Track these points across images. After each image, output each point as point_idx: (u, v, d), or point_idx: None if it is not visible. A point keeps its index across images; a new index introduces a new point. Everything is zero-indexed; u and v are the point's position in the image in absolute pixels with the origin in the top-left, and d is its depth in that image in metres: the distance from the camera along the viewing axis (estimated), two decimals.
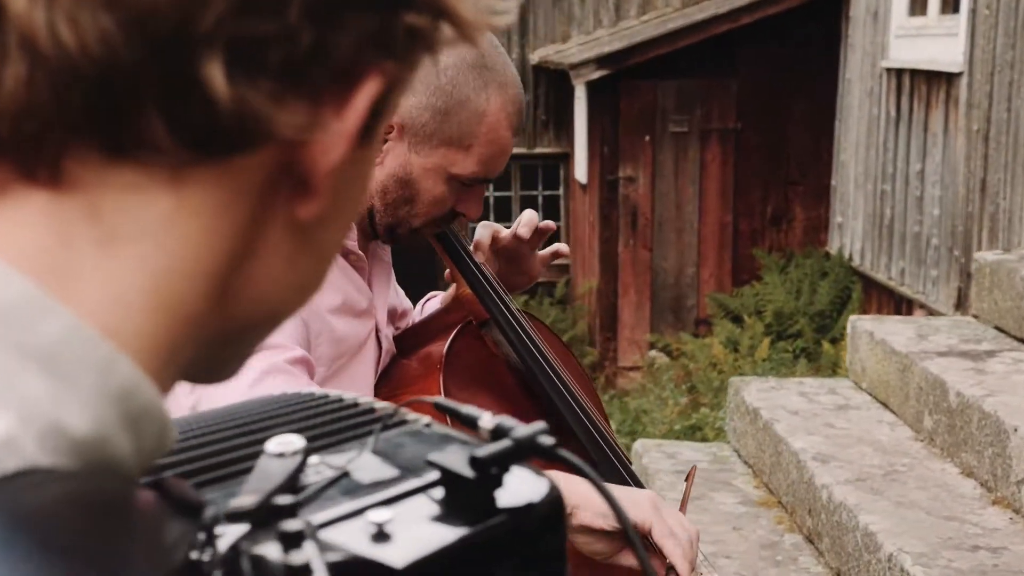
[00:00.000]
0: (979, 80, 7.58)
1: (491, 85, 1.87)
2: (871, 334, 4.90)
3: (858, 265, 9.69)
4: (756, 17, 10.19)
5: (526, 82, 12.46)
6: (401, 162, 1.88)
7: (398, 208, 1.91)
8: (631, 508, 1.70)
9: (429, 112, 1.85)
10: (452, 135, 1.86)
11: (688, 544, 1.73)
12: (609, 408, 6.46)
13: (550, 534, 0.85)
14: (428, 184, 1.89)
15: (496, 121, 1.88)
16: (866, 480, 3.98)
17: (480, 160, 1.89)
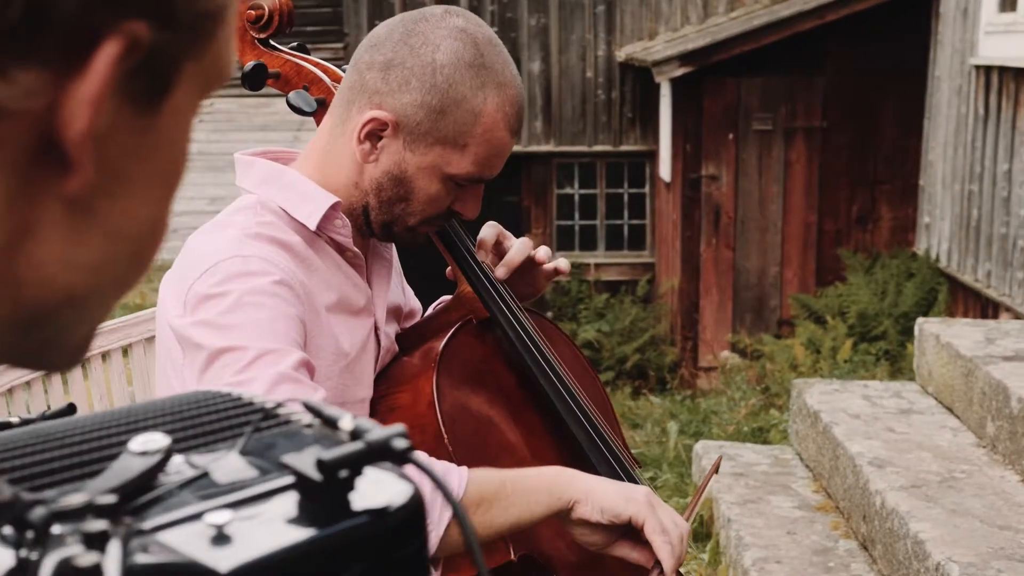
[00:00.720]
0: None
1: (489, 85, 1.84)
2: (937, 337, 4.79)
3: (945, 266, 9.51)
4: (843, 14, 10.03)
5: (612, 79, 12.42)
6: (396, 160, 1.86)
7: (393, 206, 1.90)
8: (626, 503, 1.75)
9: (424, 110, 1.83)
10: (447, 134, 1.83)
11: (678, 540, 1.77)
12: (679, 409, 6.40)
13: (407, 540, 0.83)
14: (423, 183, 1.87)
15: (493, 121, 1.85)
16: (921, 487, 3.89)
17: (476, 160, 1.87)
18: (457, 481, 1.68)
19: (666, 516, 1.78)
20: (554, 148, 12.63)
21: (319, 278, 1.87)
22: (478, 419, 1.98)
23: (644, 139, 12.35)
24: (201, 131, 11.79)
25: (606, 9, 12.52)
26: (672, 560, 1.76)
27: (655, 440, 5.79)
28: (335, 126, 1.90)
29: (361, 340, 1.93)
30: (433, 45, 1.82)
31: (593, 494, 1.75)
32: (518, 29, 12.63)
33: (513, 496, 1.73)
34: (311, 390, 1.67)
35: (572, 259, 12.15)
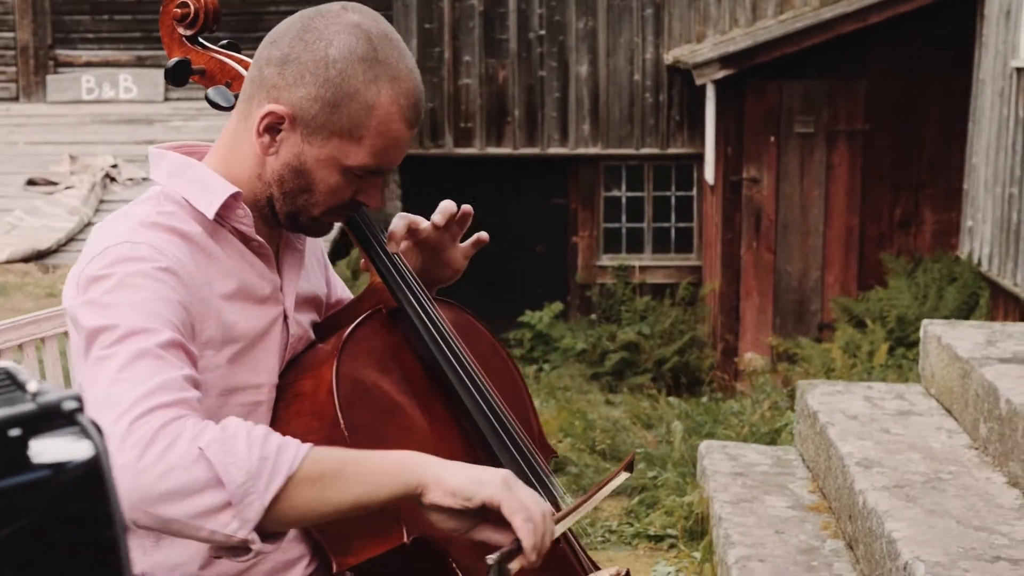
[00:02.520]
0: None
1: (382, 78, 1.89)
2: (939, 339, 4.76)
3: (986, 270, 9.42)
4: (886, 16, 9.97)
5: (660, 82, 12.43)
6: (295, 152, 1.92)
7: (296, 197, 1.95)
8: (478, 486, 1.74)
9: (319, 104, 1.88)
10: (342, 127, 1.89)
11: (540, 520, 1.76)
12: (697, 409, 6.42)
13: (82, 495, 0.88)
14: (322, 174, 1.93)
15: (387, 114, 1.90)
16: (904, 487, 3.87)
17: (373, 152, 1.91)
18: (293, 455, 1.69)
19: (526, 496, 1.76)
20: (601, 151, 12.67)
21: (219, 266, 1.92)
22: (379, 406, 2.03)
23: (691, 142, 12.35)
24: None
25: (654, 12, 12.54)
26: (533, 538, 1.74)
27: (664, 440, 5.82)
28: (239, 120, 1.97)
29: (261, 327, 1.99)
30: (327, 40, 1.88)
31: (442, 479, 1.73)
32: (566, 32, 12.68)
33: (355, 476, 1.72)
34: (174, 368, 1.72)
35: (618, 262, 12.20)
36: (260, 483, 1.66)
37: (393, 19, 12.80)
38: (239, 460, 1.66)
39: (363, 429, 1.95)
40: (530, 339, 11.50)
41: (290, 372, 2.06)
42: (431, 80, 12.80)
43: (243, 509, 1.65)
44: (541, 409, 6.69)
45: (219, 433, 1.67)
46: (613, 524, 4.92)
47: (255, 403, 1.98)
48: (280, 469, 1.67)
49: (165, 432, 1.65)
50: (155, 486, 1.63)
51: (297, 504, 1.69)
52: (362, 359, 2.03)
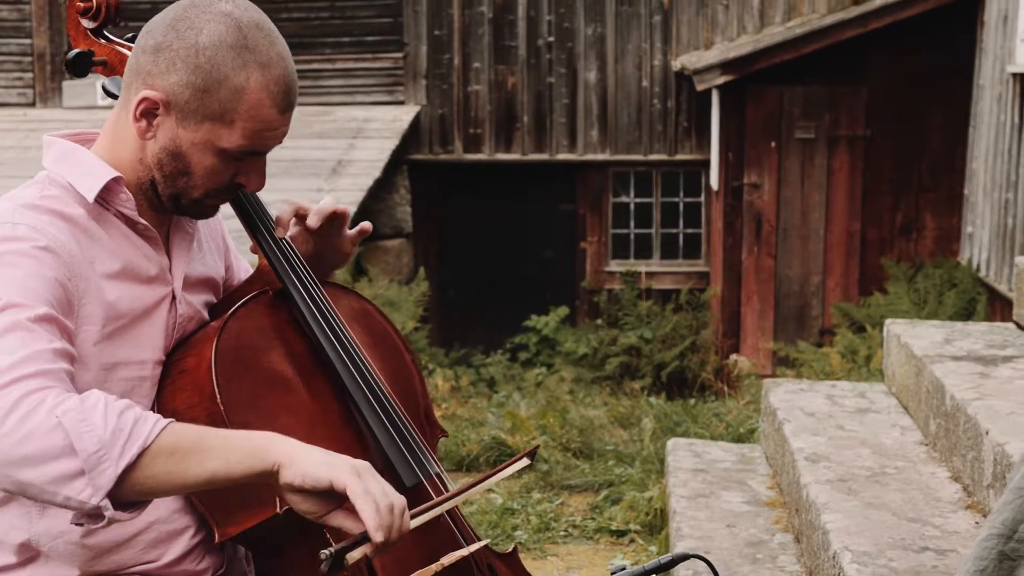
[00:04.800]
0: None
1: (251, 65, 1.97)
2: (899, 337, 4.81)
3: (984, 276, 9.43)
4: (886, 22, 10.00)
5: (668, 89, 12.47)
6: (171, 136, 2.01)
7: (176, 180, 2.04)
8: (328, 469, 1.79)
9: (190, 90, 1.97)
10: (214, 111, 1.98)
11: (387, 510, 1.80)
12: (677, 409, 6.47)
13: None
14: (198, 157, 2.01)
15: (258, 99, 1.98)
16: (848, 481, 3.92)
17: (245, 135, 2.00)
18: (149, 428, 1.77)
19: (375, 486, 1.80)
20: (610, 157, 12.72)
21: (102, 247, 2.01)
22: (260, 383, 2.10)
23: (699, 148, 12.38)
24: None
25: (663, 19, 12.58)
26: (377, 520, 1.79)
27: (636, 438, 5.90)
28: (121, 107, 2.06)
29: (146, 306, 2.07)
30: (197, 29, 1.97)
31: (296, 459, 1.79)
32: (575, 39, 12.75)
33: (211, 451, 1.79)
34: (44, 341, 1.81)
35: (626, 267, 12.25)
36: (113, 452, 1.74)
37: (403, 26, 12.91)
38: (94, 430, 1.74)
39: (241, 404, 2.03)
40: (536, 343, 11.57)
41: (177, 350, 2.14)
42: (441, 86, 12.89)
43: (96, 477, 1.73)
44: (528, 409, 6.78)
45: (78, 404, 1.75)
46: (577, 519, 4.99)
47: (139, 378, 2.07)
48: (135, 440, 1.75)
49: (27, 401, 1.74)
50: (13, 451, 1.72)
51: (153, 475, 1.77)
52: (245, 338, 2.12)
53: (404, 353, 2.39)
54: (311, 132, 12.39)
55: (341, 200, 10.83)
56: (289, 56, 2.04)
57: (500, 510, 5.11)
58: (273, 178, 8.32)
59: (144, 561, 2.10)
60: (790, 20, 12.08)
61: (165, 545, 2.11)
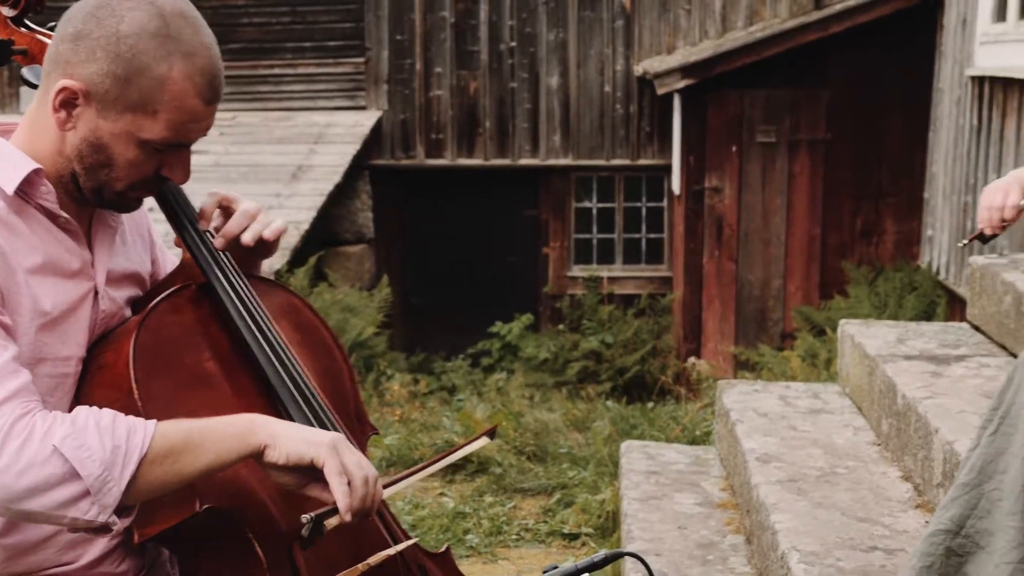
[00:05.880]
0: None
1: (175, 54, 1.92)
2: (852, 338, 4.79)
3: (944, 279, 9.45)
4: (846, 26, 10.01)
5: (630, 94, 12.45)
6: (92, 127, 1.94)
7: (97, 172, 1.98)
8: (308, 447, 1.88)
9: (111, 79, 1.91)
10: (135, 101, 1.92)
11: (361, 482, 1.90)
12: (634, 413, 6.44)
13: None
14: (120, 148, 1.95)
15: (181, 89, 1.93)
16: (798, 481, 3.90)
17: (168, 126, 1.94)
18: (142, 437, 1.82)
19: (351, 460, 1.90)
20: (572, 162, 12.70)
21: (24, 241, 1.95)
22: (181, 378, 2.05)
23: (662, 153, 12.36)
24: (221, 143, 11.98)
25: (624, 24, 12.56)
26: (348, 499, 1.88)
27: (589, 442, 5.86)
28: (40, 97, 2.00)
29: (69, 301, 2.01)
30: (118, 16, 1.91)
31: (279, 438, 1.88)
32: (537, 44, 12.72)
33: (203, 445, 1.86)
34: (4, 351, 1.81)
35: (589, 272, 12.21)
36: (115, 471, 1.80)
37: (365, 31, 12.86)
38: (93, 452, 1.79)
39: (160, 400, 1.98)
40: (498, 349, 11.52)
41: (97, 346, 2.08)
42: (402, 91, 12.84)
43: (101, 497, 1.80)
44: (484, 413, 6.73)
45: (70, 427, 1.80)
46: (529, 523, 4.94)
47: (63, 375, 2.01)
48: (132, 454, 1.81)
49: (16, 430, 1.78)
50: (15, 484, 1.76)
51: (151, 480, 1.84)
52: (165, 332, 2.06)
53: (334, 350, 2.34)
54: (272, 137, 12.32)
55: (301, 206, 10.79)
56: (215, 45, 1.99)
57: (452, 514, 5.06)
58: (233, 183, 8.33)
59: (62, 563, 2.05)
60: (752, 25, 12.08)
61: (83, 546, 2.06)
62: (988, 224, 2.87)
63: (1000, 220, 2.83)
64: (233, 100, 12.85)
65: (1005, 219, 2.83)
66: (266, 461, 1.88)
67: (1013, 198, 2.81)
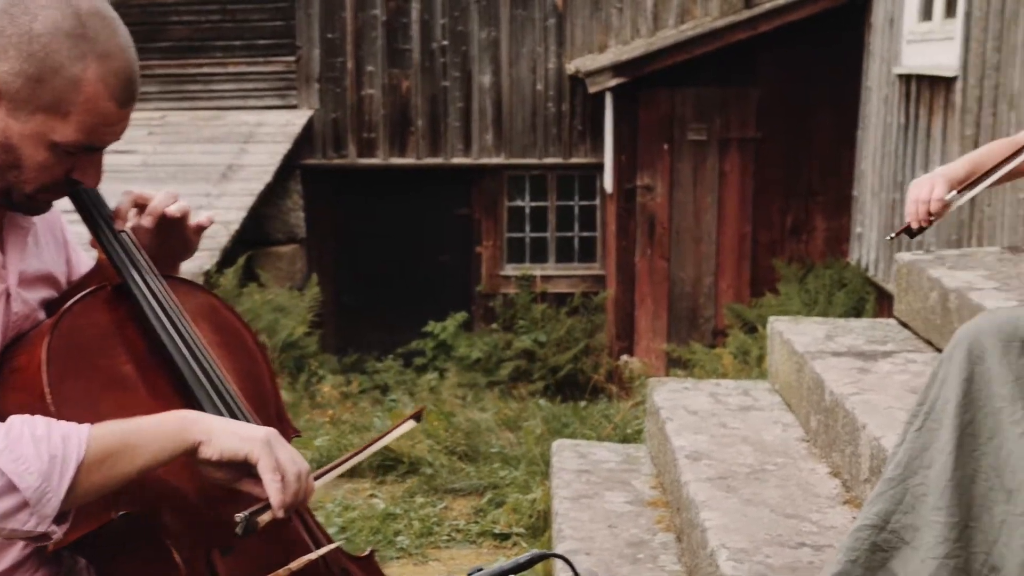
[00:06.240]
0: (971, 84, 7.42)
1: (89, 55, 1.87)
2: (781, 334, 4.81)
3: (873, 276, 9.53)
4: (775, 25, 10.07)
5: (563, 92, 12.46)
6: (1, 127, 1.89)
7: (5, 173, 1.93)
8: (242, 443, 1.86)
9: (22, 79, 1.86)
10: (47, 102, 1.86)
11: (294, 478, 1.88)
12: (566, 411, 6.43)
13: None
14: (30, 150, 1.90)
15: (95, 91, 1.88)
16: (727, 478, 3.90)
17: (81, 128, 1.89)
18: (76, 444, 1.78)
19: (284, 455, 1.88)
20: (505, 161, 12.69)
21: None
22: (96, 381, 2.01)
23: (594, 151, 12.39)
24: (149, 143, 11.86)
25: (557, 22, 12.58)
26: (280, 496, 1.86)
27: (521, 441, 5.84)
28: None
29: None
30: (32, 15, 1.85)
31: (213, 435, 1.86)
32: (469, 42, 12.70)
33: (138, 446, 1.83)
34: None
35: (522, 271, 12.21)
36: (53, 481, 1.76)
37: (295, 29, 12.77)
38: (30, 464, 1.75)
39: (73, 404, 1.94)
40: (432, 348, 11.48)
41: (10, 349, 2.04)
42: (334, 90, 12.78)
43: (40, 507, 1.76)
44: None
45: (4, 440, 1.76)
46: (460, 523, 4.92)
47: None
48: (69, 462, 1.78)
49: None
50: None
51: (89, 486, 1.80)
52: (80, 334, 2.02)
53: (255, 351, 2.30)
54: (201, 136, 12.21)
55: (231, 206, 10.69)
56: (131, 47, 1.94)
57: (382, 515, 5.03)
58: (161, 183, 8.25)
59: None
60: (683, 23, 12.14)
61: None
62: (915, 217, 2.88)
63: (927, 213, 2.84)
64: (162, 99, 12.74)
65: (932, 212, 2.84)
66: (200, 458, 1.85)
67: (939, 192, 2.82)
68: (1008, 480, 2.48)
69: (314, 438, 6.13)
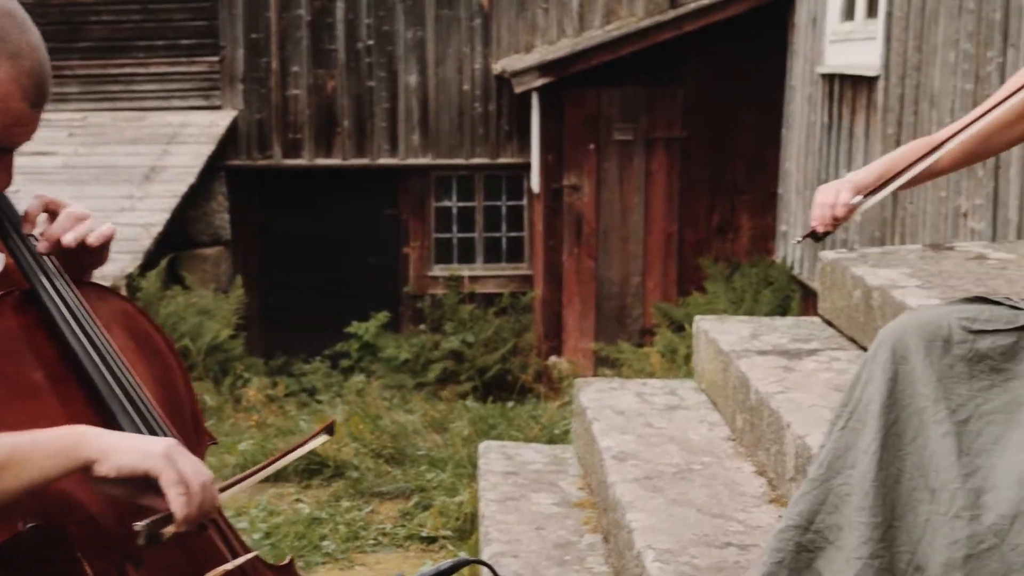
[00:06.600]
0: (893, 84, 7.49)
1: (0, 55, 1.82)
2: (707, 333, 4.81)
3: (798, 274, 9.60)
4: (700, 24, 10.11)
5: (489, 92, 12.43)
6: None
7: None
8: (143, 458, 1.79)
9: None
10: None
11: (198, 489, 1.81)
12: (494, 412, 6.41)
13: None
14: None
15: (6, 92, 1.83)
16: (654, 478, 3.89)
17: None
18: None
19: (187, 467, 1.81)
20: (432, 161, 12.64)
21: None
22: (2, 389, 1.95)
23: (521, 151, 12.37)
24: (70, 144, 11.69)
25: (483, 22, 12.54)
26: (185, 509, 1.80)
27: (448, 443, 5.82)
28: None
29: None
30: None
31: (110, 452, 1.78)
32: (395, 42, 12.64)
33: (25, 464, 1.76)
34: None
35: (450, 272, 12.17)
36: None
37: (219, 29, 12.65)
38: None
39: None
40: (357, 350, 11.42)
41: None
42: (259, 91, 12.67)
43: None
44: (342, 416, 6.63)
45: None
46: (387, 527, 4.88)
47: None
48: None
49: None
50: None
51: None
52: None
53: (169, 357, 2.25)
54: (123, 138, 12.05)
55: (154, 208, 10.56)
56: (43, 46, 1.89)
57: (307, 520, 4.98)
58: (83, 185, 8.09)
59: None
60: (609, 24, 12.15)
61: None
62: (820, 222, 2.88)
63: (832, 218, 2.85)
64: (83, 100, 12.56)
65: (837, 217, 2.84)
66: (95, 475, 1.78)
67: (844, 196, 2.83)
68: (932, 480, 2.48)
69: (238, 442, 6.06)
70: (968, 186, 6.57)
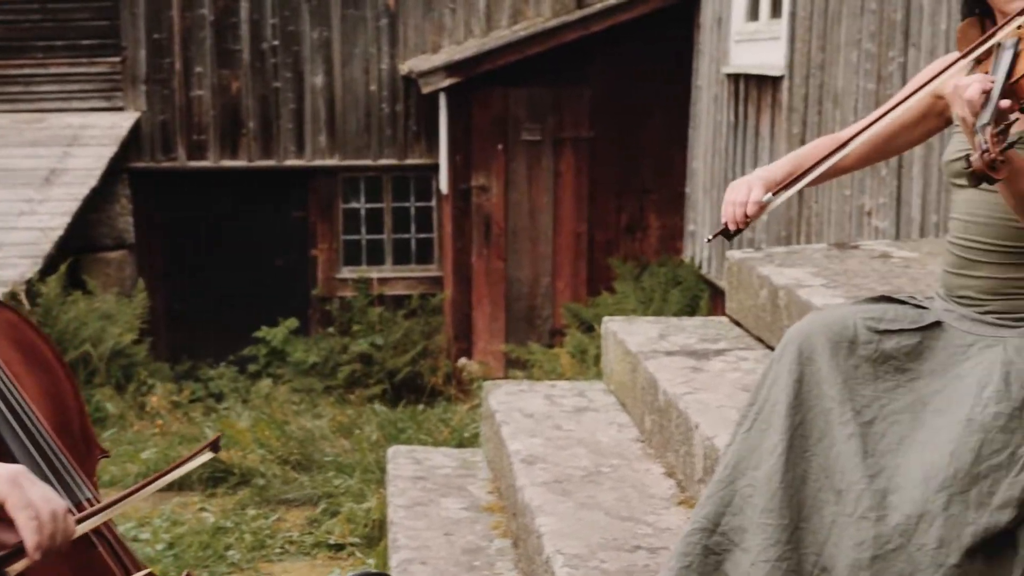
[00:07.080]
0: (797, 83, 7.54)
1: None
2: (615, 334, 4.80)
3: (706, 273, 9.64)
4: (607, 24, 10.13)
5: (396, 93, 12.35)
6: None
7: None
8: None
9: None
10: None
11: (48, 517, 1.73)
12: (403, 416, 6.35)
13: None
14: None
15: None
16: (563, 482, 3.86)
17: None
18: None
19: (36, 493, 1.74)
20: (339, 162, 12.52)
21: None
22: None
23: (429, 152, 12.30)
24: None
25: (389, 23, 12.45)
26: (36, 537, 1.73)
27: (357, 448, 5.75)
28: None
29: None
30: None
31: None
32: (301, 43, 12.50)
33: None
34: None
35: (359, 274, 12.06)
36: None
37: (120, 29, 12.43)
38: None
39: None
40: (265, 354, 11.28)
41: None
42: (162, 92, 12.46)
43: None
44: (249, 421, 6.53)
45: None
46: (294, 535, 4.81)
47: None
48: None
49: None
50: None
51: None
52: None
53: (57, 369, 2.17)
54: (23, 140, 11.80)
55: (55, 212, 10.35)
56: None
57: (212, 529, 4.88)
58: None
59: None
60: (516, 24, 12.12)
61: None
62: (731, 219, 2.86)
63: (743, 215, 2.83)
64: None
65: (748, 214, 2.82)
66: None
67: (756, 194, 2.80)
68: (837, 481, 2.47)
69: (141, 451, 5.93)
70: (872, 185, 6.64)
